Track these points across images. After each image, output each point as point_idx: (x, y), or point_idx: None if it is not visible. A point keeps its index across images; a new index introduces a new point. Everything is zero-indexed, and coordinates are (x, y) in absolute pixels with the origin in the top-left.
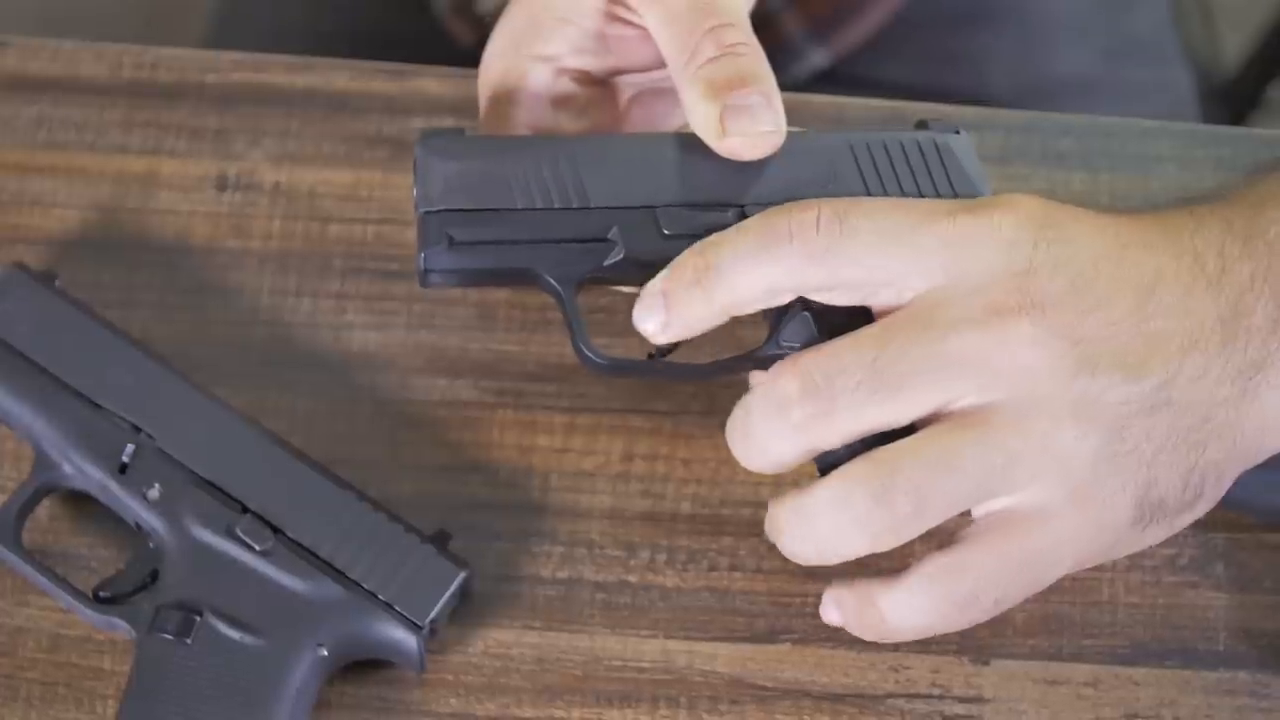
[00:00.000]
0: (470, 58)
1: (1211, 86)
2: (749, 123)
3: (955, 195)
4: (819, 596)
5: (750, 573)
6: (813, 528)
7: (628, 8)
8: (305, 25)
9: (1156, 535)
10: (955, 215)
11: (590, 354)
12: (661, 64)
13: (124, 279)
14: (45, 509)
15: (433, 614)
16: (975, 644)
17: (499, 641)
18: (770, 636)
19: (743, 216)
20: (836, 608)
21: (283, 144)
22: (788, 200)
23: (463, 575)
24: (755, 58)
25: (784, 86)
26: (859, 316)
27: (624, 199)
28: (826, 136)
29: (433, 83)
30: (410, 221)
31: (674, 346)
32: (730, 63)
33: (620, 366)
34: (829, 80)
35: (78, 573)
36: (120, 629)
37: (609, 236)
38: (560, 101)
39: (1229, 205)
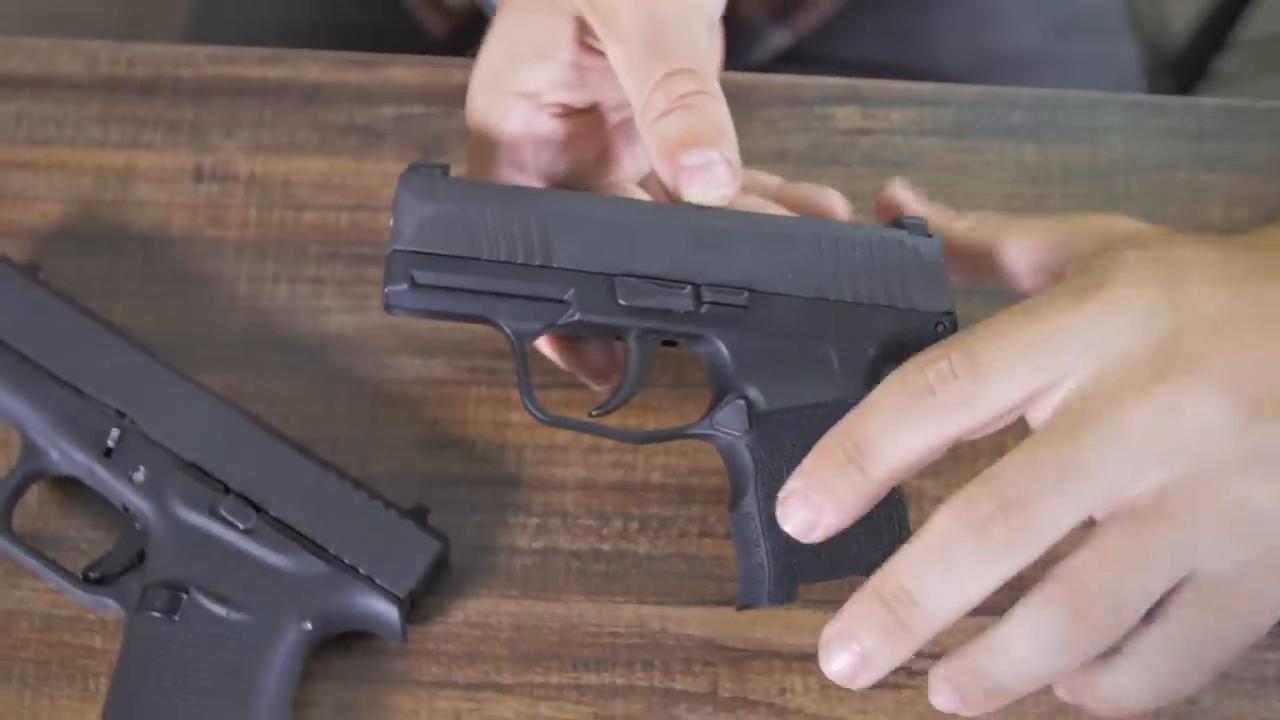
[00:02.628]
0: (441, 48)
1: (1160, 59)
2: (701, 185)
3: (914, 302)
4: None
5: (719, 538)
6: (1010, 661)
7: (599, 39)
8: (280, 20)
9: None
10: (1081, 308)
11: (534, 409)
12: None
13: (105, 269)
14: (34, 494)
15: (412, 586)
16: None
17: (478, 611)
18: None
19: (698, 295)
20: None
21: (257, 135)
22: (743, 287)
23: (440, 547)
24: (706, 108)
25: (744, 68)
26: (793, 413)
27: (585, 263)
28: (795, 223)
29: (402, 71)
30: (383, 207)
31: (614, 407)
32: (681, 119)
33: (561, 423)
34: (787, 59)
35: (67, 555)
36: (110, 608)
37: (565, 298)
38: (542, 141)
39: None
